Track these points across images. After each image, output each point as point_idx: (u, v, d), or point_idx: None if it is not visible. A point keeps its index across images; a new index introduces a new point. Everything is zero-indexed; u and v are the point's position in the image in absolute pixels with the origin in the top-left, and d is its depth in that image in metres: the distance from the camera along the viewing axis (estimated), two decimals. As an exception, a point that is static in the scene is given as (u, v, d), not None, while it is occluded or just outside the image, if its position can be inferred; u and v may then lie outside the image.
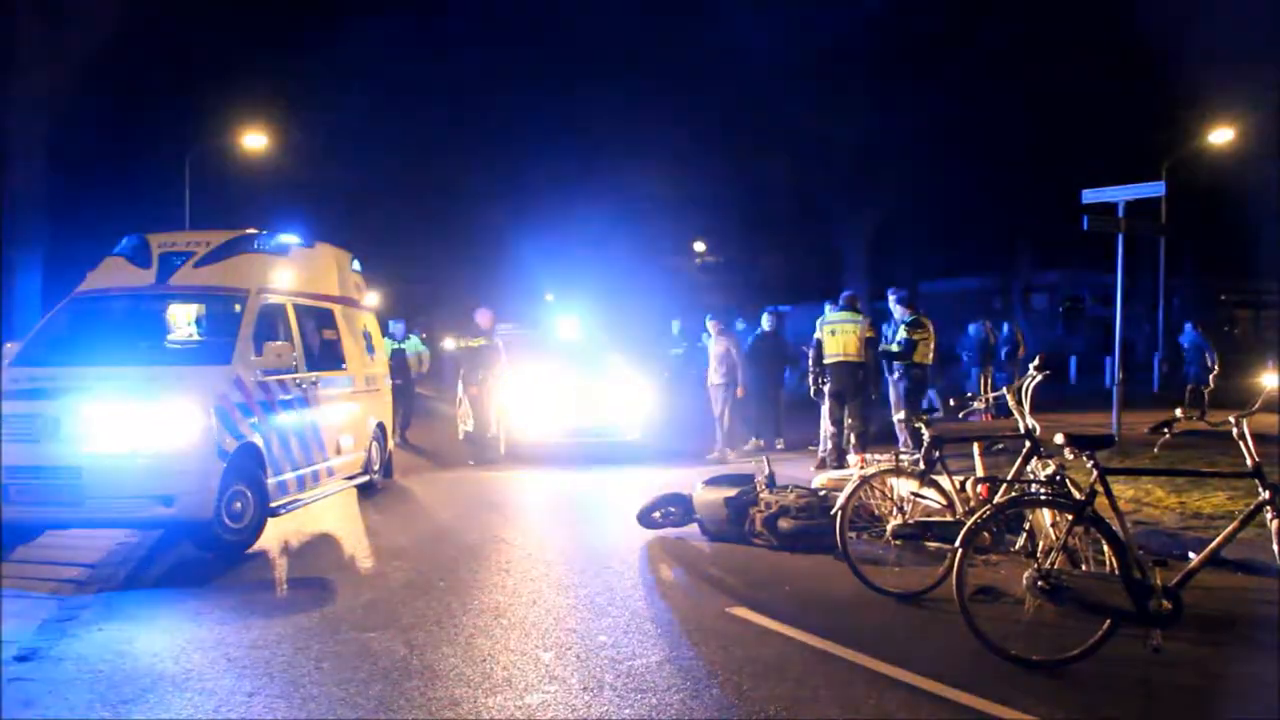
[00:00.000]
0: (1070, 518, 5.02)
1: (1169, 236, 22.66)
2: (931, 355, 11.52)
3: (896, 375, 12.73)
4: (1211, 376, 16.87)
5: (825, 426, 11.67)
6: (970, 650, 4.86)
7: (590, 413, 13.04)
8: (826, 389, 11.36)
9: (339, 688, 4.59)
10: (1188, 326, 18.04)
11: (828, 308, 11.73)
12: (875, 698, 4.49)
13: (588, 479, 11.51)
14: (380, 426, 10.67)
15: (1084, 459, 5.02)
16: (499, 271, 32.74)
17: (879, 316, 14.37)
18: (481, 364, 13.08)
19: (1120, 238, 11.51)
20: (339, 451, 9.26)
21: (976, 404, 7.96)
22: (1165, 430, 5.11)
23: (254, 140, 23.37)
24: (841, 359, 11.19)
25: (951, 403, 7.27)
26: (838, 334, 11.25)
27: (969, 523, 5.14)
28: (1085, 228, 11.30)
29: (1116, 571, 4.78)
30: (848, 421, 11.27)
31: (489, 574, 6.88)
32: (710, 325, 13.64)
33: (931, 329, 11.47)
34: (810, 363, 11.75)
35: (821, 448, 11.79)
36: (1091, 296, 37.42)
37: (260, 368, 7.80)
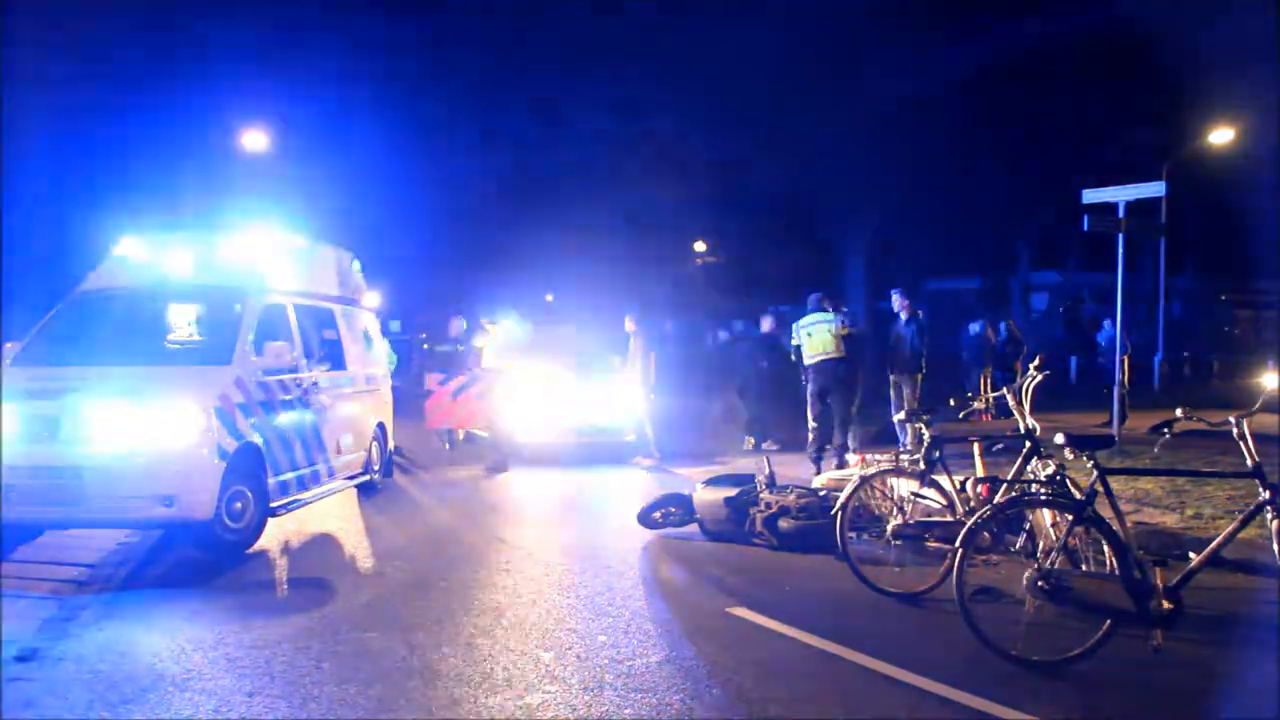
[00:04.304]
0: (1070, 518, 5.02)
1: (1169, 236, 22.67)
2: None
3: (895, 376, 12.78)
4: (1125, 378, 15.92)
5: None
6: (970, 650, 4.87)
7: (590, 413, 13.04)
8: (808, 389, 11.54)
9: (339, 688, 4.59)
10: (1106, 323, 16.99)
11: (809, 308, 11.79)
12: (875, 698, 4.49)
13: (588, 479, 11.52)
14: (380, 426, 10.67)
15: (1084, 459, 5.02)
16: (499, 271, 32.74)
17: (883, 317, 14.38)
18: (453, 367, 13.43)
19: (1120, 238, 11.52)
20: (339, 451, 9.26)
21: (976, 404, 7.96)
22: (1165, 430, 5.11)
23: (254, 139, 23.37)
24: (822, 357, 11.38)
25: (951, 403, 7.26)
26: (814, 334, 11.46)
27: (969, 523, 5.14)
28: (1085, 228, 11.31)
29: (1116, 571, 4.78)
30: (836, 414, 11.38)
31: (489, 574, 6.88)
32: (628, 322, 13.15)
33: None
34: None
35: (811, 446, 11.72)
36: (1091, 297, 37.48)
37: (260, 368, 7.80)
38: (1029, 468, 6.10)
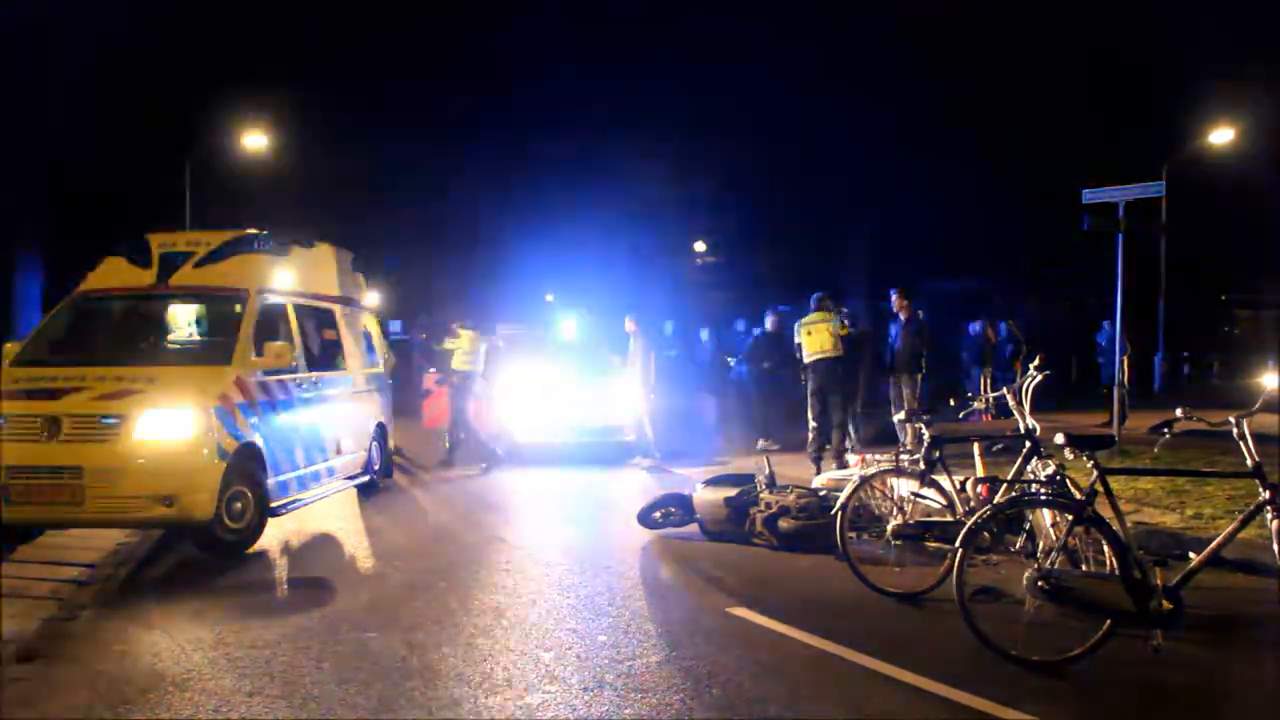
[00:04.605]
0: (1070, 518, 5.02)
1: (1169, 236, 22.67)
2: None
3: (895, 376, 12.79)
4: (1125, 377, 15.81)
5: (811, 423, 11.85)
6: (970, 650, 4.86)
7: (590, 413, 13.04)
8: (808, 387, 11.62)
9: (339, 688, 4.59)
10: (1105, 324, 17.19)
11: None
12: (875, 698, 4.49)
13: (588, 479, 11.52)
14: (380, 426, 10.67)
15: (1084, 459, 5.02)
16: (500, 272, 32.74)
17: (883, 317, 14.39)
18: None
19: (1120, 238, 11.52)
20: (339, 451, 9.26)
21: (976, 404, 7.96)
22: (1165, 430, 5.11)
23: (254, 140, 23.36)
24: (820, 355, 11.47)
25: (951, 403, 7.26)
26: (814, 333, 11.54)
27: (969, 523, 5.14)
28: (1085, 228, 11.31)
29: (1116, 571, 4.78)
30: (835, 416, 11.47)
31: (489, 574, 6.88)
32: (628, 323, 13.13)
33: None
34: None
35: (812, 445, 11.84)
36: (1091, 297, 37.41)
37: (260, 368, 7.80)
38: (1029, 468, 6.10)
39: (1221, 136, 23.93)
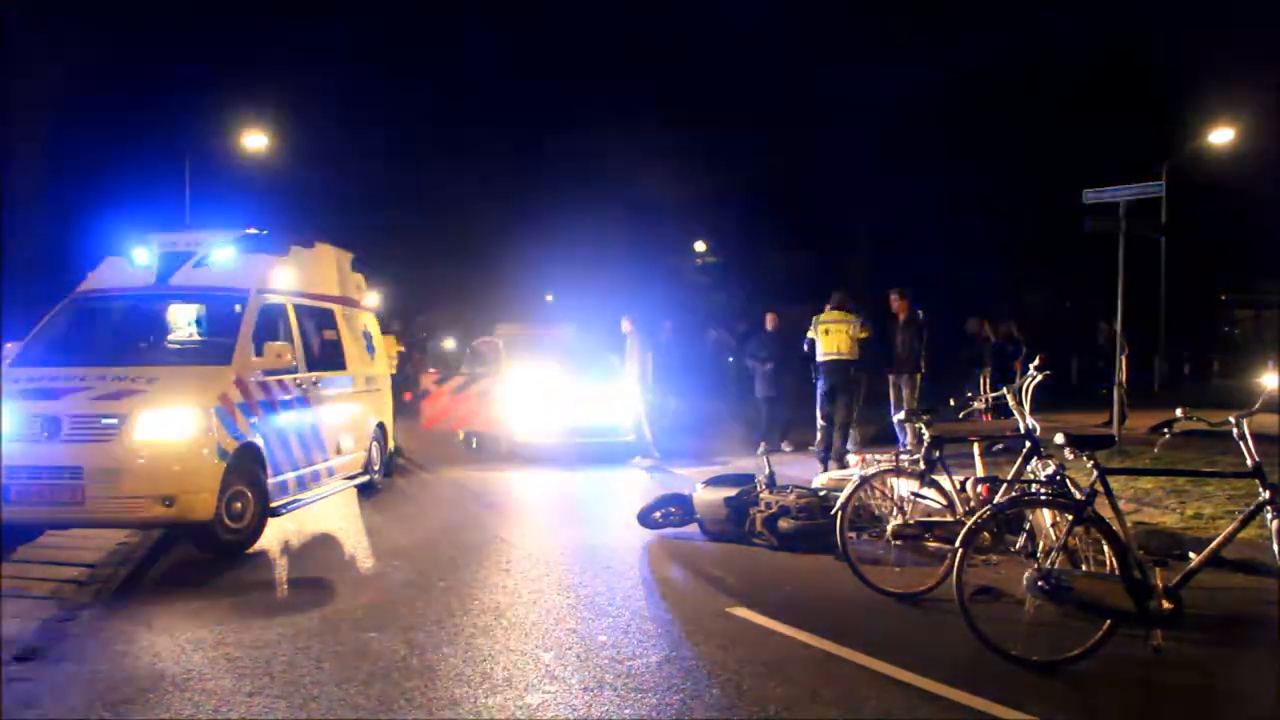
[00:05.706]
0: (1070, 518, 5.02)
1: (1169, 236, 22.67)
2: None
3: (895, 376, 12.80)
4: (1124, 378, 15.68)
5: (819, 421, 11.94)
6: (970, 650, 4.86)
7: (590, 413, 13.04)
8: (819, 386, 11.69)
9: (339, 688, 4.59)
10: (1103, 325, 17.17)
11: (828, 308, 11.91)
12: (875, 698, 4.49)
13: (588, 479, 11.52)
14: (380, 426, 10.67)
15: (1084, 459, 5.02)
16: (499, 271, 32.74)
17: (882, 317, 14.37)
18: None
19: (1120, 238, 11.52)
20: (339, 451, 9.26)
21: (976, 404, 7.96)
22: (1165, 430, 5.11)
23: (254, 140, 23.35)
24: (835, 357, 11.55)
25: (951, 403, 7.26)
26: (831, 333, 11.60)
27: (969, 523, 5.14)
28: (1085, 228, 11.32)
29: (1116, 572, 4.78)
30: (838, 417, 11.53)
31: (489, 574, 6.88)
32: (624, 323, 13.25)
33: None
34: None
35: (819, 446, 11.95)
36: (1091, 297, 37.37)
37: (260, 368, 7.80)
38: (1029, 468, 6.10)
39: (1221, 136, 23.92)
